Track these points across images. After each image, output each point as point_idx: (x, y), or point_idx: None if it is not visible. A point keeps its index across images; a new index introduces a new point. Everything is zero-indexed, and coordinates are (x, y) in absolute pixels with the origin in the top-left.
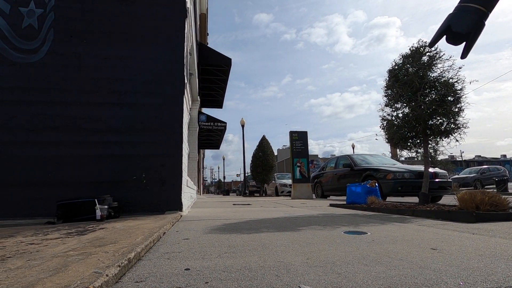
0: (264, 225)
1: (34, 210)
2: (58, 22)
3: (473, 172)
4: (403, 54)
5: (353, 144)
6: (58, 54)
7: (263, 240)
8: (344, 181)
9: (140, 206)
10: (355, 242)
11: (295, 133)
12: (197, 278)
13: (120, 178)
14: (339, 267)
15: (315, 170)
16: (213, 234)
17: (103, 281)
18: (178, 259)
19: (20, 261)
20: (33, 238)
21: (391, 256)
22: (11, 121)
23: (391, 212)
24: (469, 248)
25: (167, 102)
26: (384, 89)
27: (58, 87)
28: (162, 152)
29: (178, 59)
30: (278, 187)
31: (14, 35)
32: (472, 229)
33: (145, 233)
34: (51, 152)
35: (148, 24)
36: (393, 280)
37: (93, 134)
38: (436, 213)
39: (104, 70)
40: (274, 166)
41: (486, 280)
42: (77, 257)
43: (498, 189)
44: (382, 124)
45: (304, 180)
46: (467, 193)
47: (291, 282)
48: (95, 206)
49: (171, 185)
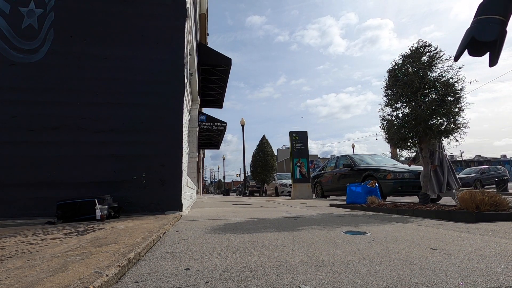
0: (264, 225)
1: (34, 210)
2: (58, 22)
3: (473, 172)
4: (403, 54)
5: (353, 144)
6: (58, 54)
7: (263, 240)
8: (344, 181)
9: (140, 206)
10: (355, 242)
11: (295, 133)
12: (197, 278)
13: (120, 178)
14: (339, 267)
15: (315, 170)
16: (213, 234)
17: (103, 281)
18: (178, 259)
19: (20, 261)
20: (33, 238)
21: (391, 256)
22: (11, 121)
23: (391, 212)
24: (469, 248)
25: (167, 102)
26: (384, 89)
27: (58, 87)
28: (162, 152)
29: (178, 59)
30: (278, 187)
31: (14, 35)
32: (472, 229)
33: (145, 233)
34: (51, 152)
35: (148, 24)
36: (393, 280)
37: (93, 134)
38: (436, 213)
39: (104, 70)
40: (274, 166)
41: (486, 280)
42: (77, 257)
43: (498, 189)
44: (382, 124)
45: (304, 180)
46: (467, 193)
47: (291, 282)
48: (95, 206)
49: (171, 185)
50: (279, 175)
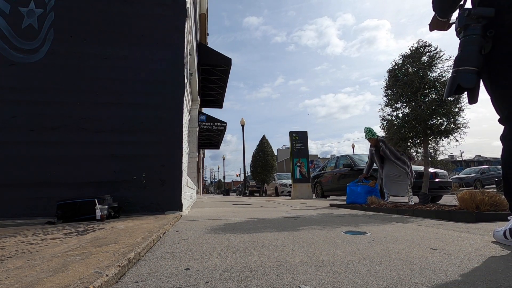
0: (264, 225)
1: (34, 210)
2: (58, 22)
3: (473, 172)
4: (403, 54)
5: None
6: (58, 54)
7: (263, 240)
8: (344, 181)
9: (140, 206)
10: (355, 242)
11: (295, 133)
12: (197, 278)
13: (120, 178)
14: (339, 267)
15: (315, 170)
16: (213, 234)
17: (103, 281)
18: (178, 259)
19: (20, 261)
20: (33, 238)
21: (391, 256)
22: (11, 121)
23: (391, 212)
24: (469, 248)
25: (167, 102)
26: (384, 89)
27: (58, 87)
28: (162, 152)
29: (178, 59)
30: (278, 187)
31: (14, 35)
32: (472, 229)
33: (145, 233)
34: (51, 152)
35: (148, 24)
36: (393, 280)
37: (93, 134)
38: (436, 213)
39: (104, 70)
40: (274, 166)
41: (486, 280)
42: (77, 257)
43: (498, 189)
44: (382, 124)
45: (304, 180)
46: (467, 193)
47: (291, 282)
48: (95, 206)
49: (171, 185)
50: (279, 175)
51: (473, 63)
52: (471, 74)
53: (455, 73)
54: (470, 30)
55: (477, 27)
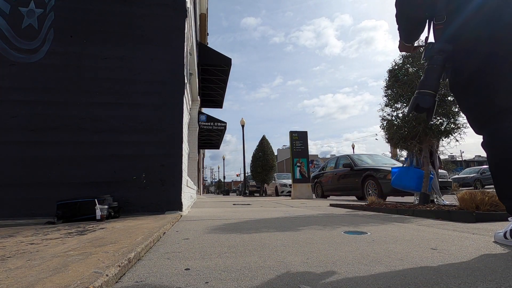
0: (264, 225)
1: (34, 210)
2: (58, 22)
3: (473, 172)
4: (403, 54)
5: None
6: (58, 54)
7: (263, 240)
8: (344, 181)
9: (140, 206)
10: (355, 242)
11: (295, 133)
12: (197, 278)
13: (120, 178)
14: (339, 267)
15: (315, 170)
16: (213, 234)
17: (103, 281)
18: (178, 259)
19: (20, 261)
20: (33, 238)
21: (391, 256)
22: (11, 121)
23: (391, 212)
24: (469, 248)
25: (167, 102)
26: (384, 89)
27: (58, 87)
28: (162, 152)
29: (178, 59)
30: (278, 187)
31: (14, 35)
32: (472, 229)
33: (145, 233)
34: (51, 152)
35: (148, 24)
36: (393, 280)
37: (93, 134)
38: (436, 213)
39: (104, 70)
40: (274, 166)
41: (486, 280)
42: (77, 257)
43: None
44: (382, 124)
45: (304, 180)
46: (467, 193)
47: (291, 282)
48: (95, 206)
49: (171, 185)
50: (279, 175)
51: (431, 88)
52: (429, 96)
53: (416, 94)
54: (433, 61)
55: (438, 59)
